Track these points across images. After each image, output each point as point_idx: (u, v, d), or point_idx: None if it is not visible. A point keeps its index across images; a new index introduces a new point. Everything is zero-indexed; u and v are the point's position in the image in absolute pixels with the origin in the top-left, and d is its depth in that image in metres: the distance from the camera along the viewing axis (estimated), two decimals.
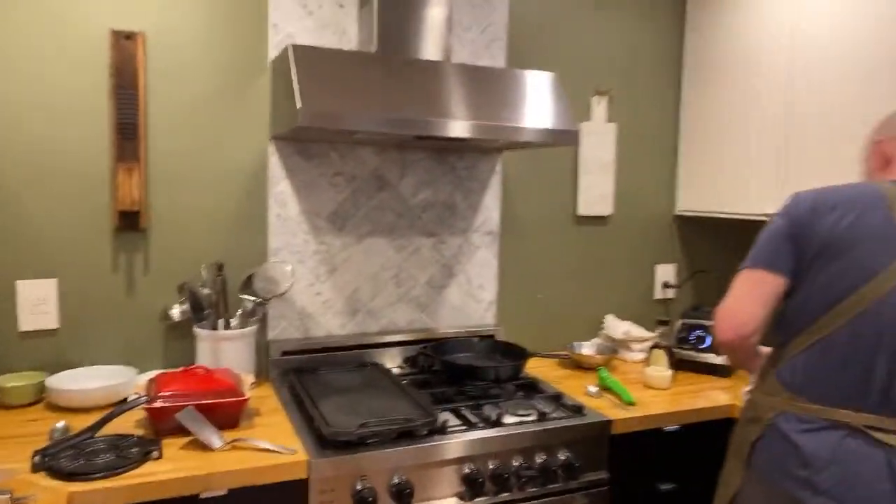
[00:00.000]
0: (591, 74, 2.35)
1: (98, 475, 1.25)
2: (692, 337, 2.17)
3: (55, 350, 1.76)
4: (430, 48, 1.87)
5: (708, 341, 2.13)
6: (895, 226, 1.17)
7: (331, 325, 2.05)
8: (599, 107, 2.37)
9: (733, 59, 2.23)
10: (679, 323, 2.25)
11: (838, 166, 1.88)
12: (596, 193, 2.40)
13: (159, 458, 1.35)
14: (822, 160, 1.93)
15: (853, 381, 1.20)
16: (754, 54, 2.14)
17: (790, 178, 2.03)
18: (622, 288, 2.48)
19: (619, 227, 2.46)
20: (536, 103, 1.81)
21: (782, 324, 1.29)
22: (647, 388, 1.96)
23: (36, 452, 1.31)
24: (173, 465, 1.33)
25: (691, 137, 2.44)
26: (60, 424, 1.44)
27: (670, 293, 2.55)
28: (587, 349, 2.24)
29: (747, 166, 2.17)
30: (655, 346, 2.05)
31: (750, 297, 1.27)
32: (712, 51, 2.32)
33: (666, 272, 2.55)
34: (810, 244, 1.23)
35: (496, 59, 2.19)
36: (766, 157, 2.10)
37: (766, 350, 1.39)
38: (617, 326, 2.32)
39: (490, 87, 1.78)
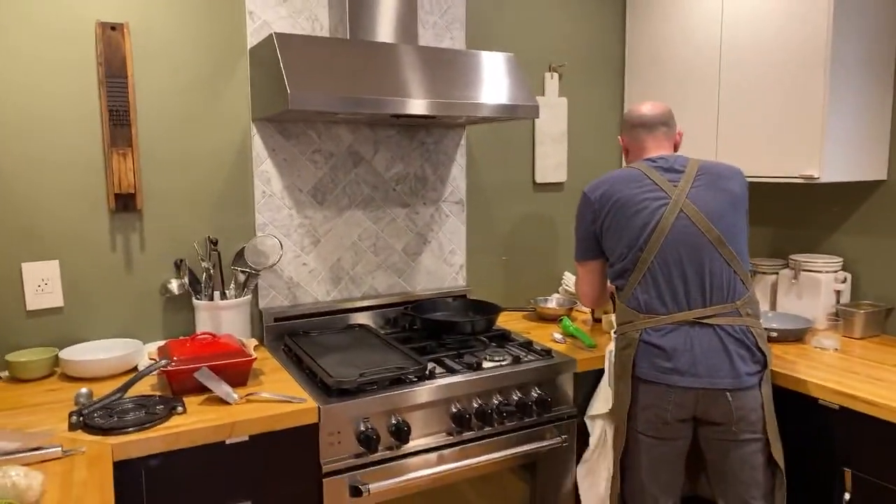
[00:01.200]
0: (543, 52, 2.55)
1: (133, 429, 1.41)
2: None
3: (62, 326, 1.87)
4: (397, 32, 2.03)
5: None
6: (658, 188, 1.68)
7: (317, 292, 2.21)
8: (552, 82, 2.58)
9: (670, 46, 2.46)
10: None
11: (761, 144, 2.15)
12: (551, 162, 2.62)
13: (184, 412, 1.51)
14: (747, 139, 2.19)
15: (677, 291, 1.64)
16: (688, 44, 2.38)
17: (720, 154, 2.29)
18: None
19: (572, 192, 2.69)
20: (497, 81, 1.99)
21: (617, 273, 1.73)
22: (603, 333, 2.21)
23: (71, 414, 1.45)
24: (198, 417, 1.49)
25: None
26: (84, 391, 1.58)
27: None
28: (550, 303, 2.48)
29: (683, 142, 2.42)
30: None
31: (589, 280, 1.86)
32: (651, 33, 2.55)
33: None
34: (606, 224, 1.73)
35: (456, 39, 2.36)
36: (700, 138, 2.36)
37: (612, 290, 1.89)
38: (574, 281, 2.56)
39: (455, 68, 1.96)
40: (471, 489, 1.82)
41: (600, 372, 1.97)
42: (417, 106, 1.82)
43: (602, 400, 1.91)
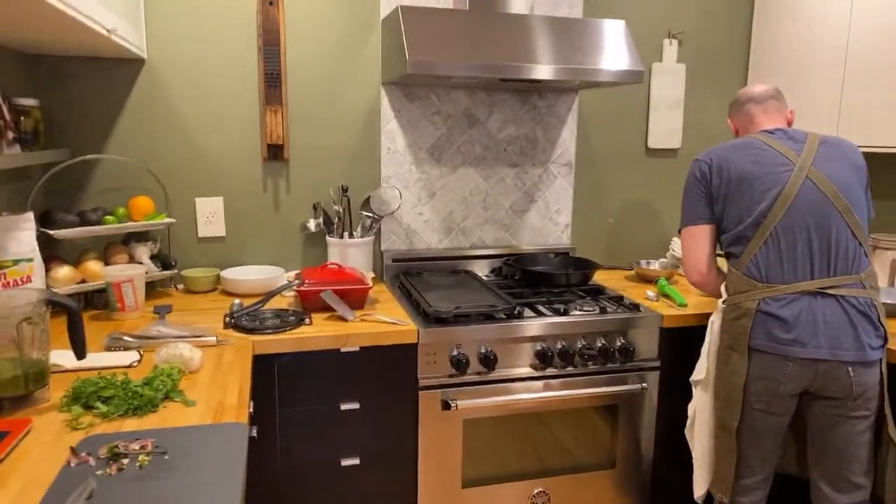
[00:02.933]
0: (662, 19, 2.58)
1: (270, 331, 1.75)
2: None
3: (223, 252, 2.29)
4: (515, 2, 2.19)
5: None
6: (780, 154, 1.66)
7: (430, 239, 2.48)
8: (671, 48, 2.60)
9: (799, 19, 2.39)
10: None
11: (886, 113, 2.06)
12: (666, 128, 2.66)
13: (310, 324, 1.84)
14: (871, 109, 2.12)
15: (801, 259, 1.61)
16: (817, 17, 2.31)
17: (843, 119, 2.22)
18: None
19: (686, 158, 2.71)
20: (607, 47, 2.10)
21: (733, 239, 1.70)
22: (701, 296, 2.26)
23: (225, 316, 1.83)
24: (321, 328, 1.81)
25: (758, 79, 2.63)
26: (237, 301, 1.96)
27: None
28: (652, 266, 2.56)
29: (806, 114, 2.36)
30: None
31: (695, 247, 1.79)
32: (782, 4, 2.49)
33: None
34: (727, 188, 1.70)
35: (574, 7, 2.47)
36: (823, 115, 2.29)
37: (722, 278, 1.82)
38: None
39: (567, 35, 2.09)
40: (554, 423, 2.00)
41: (690, 329, 2.05)
42: (528, 71, 1.98)
43: (699, 369, 1.88)
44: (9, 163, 1.63)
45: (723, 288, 1.80)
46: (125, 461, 1.06)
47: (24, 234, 1.62)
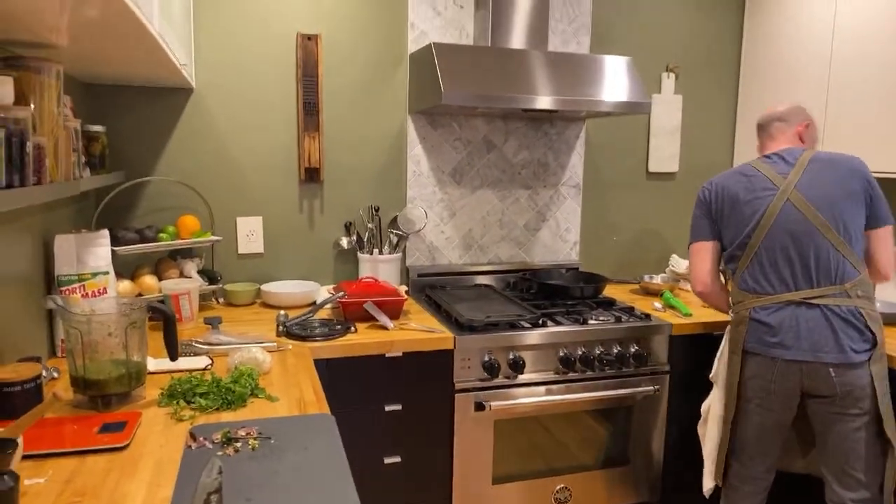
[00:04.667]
0: (661, 53, 2.83)
1: (321, 339, 1.91)
2: None
3: (261, 267, 2.45)
4: (530, 40, 2.41)
5: None
6: (768, 180, 1.86)
7: (451, 256, 2.66)
8: (668, 81, 2.85)
9: (785, 46, 2.65)
10: None
11: (868, 140, 2.31)
12: (664, 154, 2.90)
13: (356, 332, 2.00)
14: (853, 136, 2.37)
15: (783, 273, 1.81)
16: (800, 43, 2.56)
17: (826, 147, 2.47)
18: (686, 232, 2.98)
19: (683, 181, 2.95)
20: (613, 81, 2.32)
21: (729, 257, 1.94)
22: (703, 307, 2.47)
23: (278, 325, 1.99)
24: (366, 336, 1.97)
25: (747, 108, 2.89)
26: (283, 313, 2.11)
27: None
28: (655, 279, 2.77)
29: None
30: None
31: (700, 261, 2.00)
32: (768, 33, 2.75)
33: None
34: (722, 211, 1.93)
35: (582, 44, 2.70)
36: None
37: (727, 291, 2.01)
38: (680, 263, 2.83)
39: (577, 70, 2.31)
40: (575, 423, 2.18)
41: (696, 337, 2.26)
42: (544, 102, 2.20)
43: (713, 369, 2.04)
44: (86, 186, 1.78)
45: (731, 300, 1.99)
46: (238, 444, 1.21)
47: (101, 250, 1.77)
